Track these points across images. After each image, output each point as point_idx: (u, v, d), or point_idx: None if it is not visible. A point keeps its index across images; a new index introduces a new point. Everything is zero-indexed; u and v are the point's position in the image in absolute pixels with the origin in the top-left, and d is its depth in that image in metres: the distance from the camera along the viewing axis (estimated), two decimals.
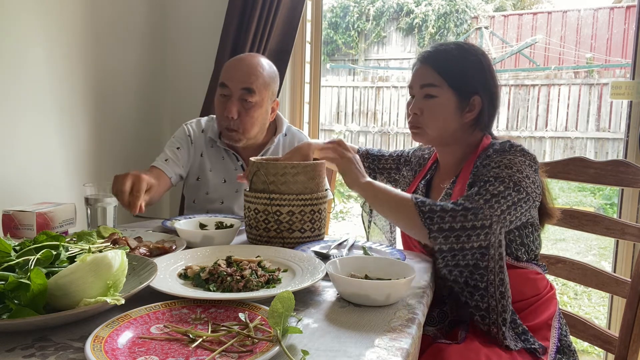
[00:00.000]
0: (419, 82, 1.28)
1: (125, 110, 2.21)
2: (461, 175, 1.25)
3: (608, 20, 7.75)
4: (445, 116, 1.25)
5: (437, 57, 1.26)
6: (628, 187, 1.39)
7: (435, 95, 1.24)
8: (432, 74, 1.25)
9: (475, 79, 1.24)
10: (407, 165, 1.50)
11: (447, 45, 1.29)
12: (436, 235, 1.06)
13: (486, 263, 1.07)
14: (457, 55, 1.25)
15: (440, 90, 1.24)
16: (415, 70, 1.30)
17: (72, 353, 0.70)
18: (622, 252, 1.98)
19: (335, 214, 5.76)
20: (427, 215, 1.07)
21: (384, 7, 9.40)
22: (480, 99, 1.24)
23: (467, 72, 1.24)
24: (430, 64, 1.26)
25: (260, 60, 1.65)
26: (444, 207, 1.07)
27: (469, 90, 1.24)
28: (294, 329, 0.72)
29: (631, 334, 1.22)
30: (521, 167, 1.12)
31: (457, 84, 1.23)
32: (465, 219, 1.05)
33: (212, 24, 2.27)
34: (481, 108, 1.25)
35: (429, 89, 1.25)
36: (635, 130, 1.92)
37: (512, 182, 1.09)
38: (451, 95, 1.23)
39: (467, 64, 1.24)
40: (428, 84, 1.25)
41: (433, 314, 1.18)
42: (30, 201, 1.48)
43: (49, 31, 1.78)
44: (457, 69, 1.24)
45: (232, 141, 1.65)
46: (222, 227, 1.35)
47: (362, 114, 8.19)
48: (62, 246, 0.87)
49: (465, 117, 1.25)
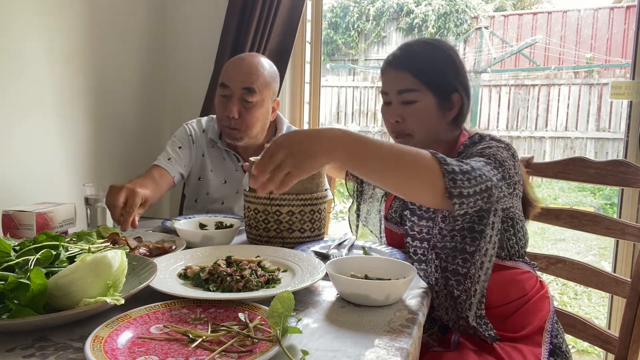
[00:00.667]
0: (394, 87, 1.22)
1: (125, 110, 2.21)
2: None
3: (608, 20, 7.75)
4: (429, 119, 1.21)
5: (409, 59, 1.21)
6: (628, 187, 1.39)
7: (414, 100, 1.20)
8: (408, 78, 1.20)
9: (451, 76, 1.21)
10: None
11: (417, 45, 1.24)
12: (456, 201, 0.92)
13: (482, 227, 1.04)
14: (429, 55, 1.21)
15: (419, 95, 1.19)
16: (388, 75, 1.24)
17: (72, 353, 0.70)
18: (622, 252, 1.98)
19: (335, 214, 5.75)
20: (450, 177, 0.92)
21: (384, 7, 9.39)
22: (459, 96, 1.21)
23: (442, 70, 1.20)
24: (404, 68, 1.21)
25: (260, 59, 1.65)
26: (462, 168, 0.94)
27: (448, 89, 1.20)
28: (293, 329, 0.72)
29: (631, 334, 1.22)
30: (498, 151, 1.08)
31: (435, 84, 1.19)
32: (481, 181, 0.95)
33: (212, 24, 2.27)
34: (461, 104, 1.22)
35: (407, 95, 1.20)
36: (635, 130, 1.92)
37: (497, 162, 1.04)
38: (431, 97, 1.19)
39: (440, 62, 1.21)
40: (405, 89, 1.20)
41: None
42: (30, 201, 1.48)
43: (49, 31, 1.78)
44: (432, 69, 1.20)
45: (233, 140, 1.65)
46: (222, 227, 1.35)
47: (362, 114, 8.19)
48: (62, 246, 0.87)
49: (447, 116, 1.22)
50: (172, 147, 1.68)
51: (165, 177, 1.60)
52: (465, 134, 1.26)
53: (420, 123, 1.21)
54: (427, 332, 1.16)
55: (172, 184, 1.64)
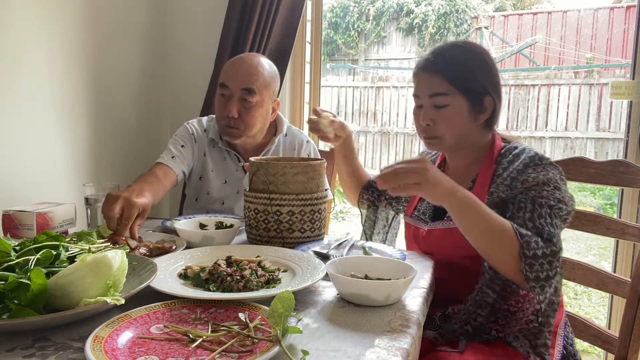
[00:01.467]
0: (426, 91, 1.22)
1: (125, 110, 2.21)
2: (478, 180, 1.21)
3: (608, 20, 7.75)
4: (460, 123, 1.21)
5: (441, 63, 1.21)
6: (628, 187, 1.39)
7: (446, 104, 1.20)
8: (440, 82, 1.20)
9: (483, 79, 1.20)
10: None
11: (450, 49, 1.24)
12: (532, 262, 1.00)
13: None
14: (462, 59, 1.21)
15: (451, 98, 1.19)
16: (420, 78, 1.25)
17: (72, 353, 0.70)
18: (622, 252, 1.98)
19: (335, 214, 5.76)
20: (525, 240, 1.00)
21: (384, 7, 9.40)
22: (491, 99, 1.21)
23: (474, 74, 1.20)
24: (435, 72, 1.21)
25: (260, 60, 1.65)
26: (544, 252, 1.01)
27: (480, 93, 1.20)
28: (294, 329, 0.72)
29: (631, 334, 1.22)
30: (557, 183, 1.10)
31: (467, 88, 1.19)
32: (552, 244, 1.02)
33: (212, 24, 2.27)
34: (493, 108, 1.22)
35: (439, 99, 1.20)
36: (635, 130, 1.92)
37: (555, 199, 1.08)
38: (463, 100, 1.19)
39: (473, 66, 1.21)
40: (437, 93, 1.20)
41: (434, 317, 1.16)
42: (30, 201, 1.48)
43: (49, 31, 1.78)
44: (464, 73, 1.20)
45: (232, 138, 1.64)
46: (222, 227, 1.35)
47: (362, 114, 8.20)
48: (62, 246, 0.87)
49: (478, 119, 1.22)
50: (175, 146, 1.67)
51: (169, 175, 1.59)
52: (497, 137, 1.26)
53: (451, 127, 1.21)
54: (437, 329, 1.15)
55: (175, 182, 1.64)
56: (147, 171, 1.57)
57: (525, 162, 1.14)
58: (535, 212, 1.07)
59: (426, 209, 1.30)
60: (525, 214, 1.08)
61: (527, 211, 1.08)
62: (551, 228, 1.05)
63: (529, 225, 1.07)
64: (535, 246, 1.00)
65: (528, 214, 1.08)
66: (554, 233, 1.04)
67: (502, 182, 1.14)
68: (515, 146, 1.21)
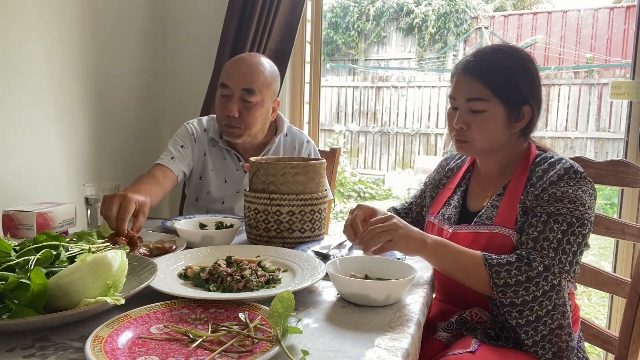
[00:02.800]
0: (464, 95, 1.19)
1: (125, 110, 2.21)
2: (510, 187, 1.20)
3: (608, 20, 7.74)
4: (495, 130, 1.18)
5: (482, 68, 1.17)
6: (628, 187, 1.39)
7: (483, 110, 1.17)
8: (479, 87, 1.16)
9: (524, 88, 1.17)
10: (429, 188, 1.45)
11: (493, 54, 1.20)
12: (503, 290, 1.04)
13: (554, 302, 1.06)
14: (504, 65, 1.17)
15: (489, 104, 1.16)
16: (458, 80, 1.21)
17: (72, 353, 0.70)
18: (622, 252, 1.98)
19: (335, 214, 5.76)
20: (494, 270, 1.05)
21: (384, 7, 9.39)
22: (530, 108, 1.18)
23: (516, 82, 1.16)
24: (475, 76, 1.17)
25: (260, 59, 1.65)
26: (509, 260, 1.06)
27: (519, 101, 1.17)
28: (294, 329, 0.72)
29: (631, 334, 1.22)
30: (584, 200, 1.10)
31: (506, 96, 1.16)
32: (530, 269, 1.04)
33: (212, 24, 2.27)
34: (531, 117, 1.20)
35: (476, 104, 1.17)
36: (635, 130, 1.92)
37: (575, 218, 1.08)
38: (500, 108, 1.16)
39: (515, 74, 1.17)
40: (474, 98, 1.17)
41: (451, 320, 1.15)
42: (30, 201, 1.48)
43: (49, 31, 1.78)
44: (505, 80, 1.16)
45: (232, 137, 1.64)
46: (222, 227, 1.35)
47: (362, 114, 8.19)
48: (62, 246, 0.87)
49: (514, 128, 1.19)
50: (175, 146, 1.68)
51: (169, 176, 1.59)
52: (533, 145, 1.24)
53: (485, 133, 1.19)
54: (453, 332, 1.14)
55: (175, 183, 1.64)
56: (146, 172, 1.57)
57: (559, 174, 1.12)
58: (547, 227, 1.07)
59: (452, 214, 1.29)
60: (533, 232, 1.09)
61: (536, 229, 1.09)
62: (551, 252, 1.06)
63: (529, 245, 1.08)
64: (507, 275, 1.04)
65: (535, 234, 1.08)
66: (552, 258, 1.05)
67: (533, 192, 1.14)
68: (551, 155, 1.19)
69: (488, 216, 1.19)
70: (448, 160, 1.44)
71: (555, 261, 1.05)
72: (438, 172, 1.44)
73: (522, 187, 1.17)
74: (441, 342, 1.12)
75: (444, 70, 8.39)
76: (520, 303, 1.03)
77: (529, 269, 1.04)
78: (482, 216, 1.20)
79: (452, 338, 1.13)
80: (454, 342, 1.11)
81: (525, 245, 1.09)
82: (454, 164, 1.41)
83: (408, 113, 7.87)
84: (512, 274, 1.04)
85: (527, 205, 1.14)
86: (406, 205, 1.51)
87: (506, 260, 1.06)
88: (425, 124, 7.81)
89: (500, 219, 1.17)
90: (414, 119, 7.88)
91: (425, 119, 7.79)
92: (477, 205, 1.27)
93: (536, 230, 1.09)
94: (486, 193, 1.26)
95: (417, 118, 7.85)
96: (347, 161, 7.56)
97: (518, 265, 1.05)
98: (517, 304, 1.04)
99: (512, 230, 1.15)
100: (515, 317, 1.04)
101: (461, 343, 1.08)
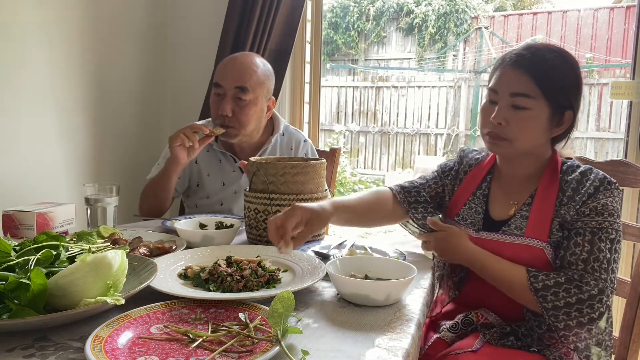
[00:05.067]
0: (509, 88, 1.11)
1: (125, 111, 2.21)
2: (539, 197, 1.14)
3: (608, 20, 7.74)
4: (536, 130, 1.12)
5: (535, 63, 1.10)
6: (628, 187, 1.39)
7: (527, 107, 1.09)
8: (528, 83, 1.09)
9: (571, 93, 1.12)
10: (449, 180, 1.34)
11: (545, 52, 1.13)
12: (554, 314, 1.02)
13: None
14: (557, 65, 1.11)
15: (535, 103, 1.09)
16: (505, 73, 1.13)
17: (72, 353, 0.70)
18: (622, 252, 1.98)
19: None
20: (540, 294, 1.03)
21: (384, 7, 9.38)
22: (572, 115, 1.13)
23: (565, 85, 1.11)
24: (526, 71, 1.09)
25: (253, 58, 1.64)
26: (557, 281, 1.03)
27: (564, 105, 1.11)
28: (294, 329, 0.72)
29: (631, 334, 1.22)
30: (619, 211, 1.09)
31: (553, 97, 1.10)
32: (581, 291, 1.02)
33: (212, 24, 2.27)
34: (569, 125, 1.14)
35: (521, 100, 1.09)
36: (635, 130, 1.92)
37: (614, 230, 1.07)
38: (545, 108, 1.10)
39: (565, 76, 1.12)
40: (521, 93, 1.09)
41: (457, 320, 1.14)
42: (30, 201, 1.48)
43: (49, 31, 1.78)
44: (556, 80, 1.10)
45: (228, 137, 1.64)
46: (222, 227, 1.35)
47: (362, 114, 8.19)
48: (62, 246, 0.87)
49: (552, 132, 1.14)
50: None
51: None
52: (557, 152, 1.19)
53: (525, 132, 1.12)
54: (458, 332, 1.13)
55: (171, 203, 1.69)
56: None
57: (596, 186, 1.09)
58: (595, 247, 1.05)
59: (475, 220, 1.22)
60: (582, 252, 1.06)
61: (584, 249, 1.05)
62: (603, 273, 1.04)
63: (579, 267, 1.05)
64: (554, 298, 1.03)
65: (584, 254, 1.05)
66: (605, 280, 1.03)
67: (574, 206, 1.09)
68: (577, 164, 1.16)
69: (517, 226, 1.13)
70: (466, 152, 1.35)
71: (608, 282, 1.03)
72: (457, 163, 1.34)
73: (554, 198, 1.12)
74: (445, 342, 1.12)
75: (444, 70, 8.39)
76: (575, 325, 1.02)
77: (579, 291, 1.01)
78: (511, 226, 1.14)
79: (457, 338, 1.12)
80: (457, 340, 1.11)
81: (575, 267, 1.05)
82: (473, 158, 1.32)
83: (408, 113, 7.87)
84: (559, 296, 1.02)
85: (567, 219, 1.10)
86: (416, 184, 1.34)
87: (554, 281, 1.03)
88: (425, 124, 7.81)
89: (531, 231, 1.11)
90: (414, 119, 7.88)
91: (425, 119, 7.80)
92: (501, 213, 1.20)
93: (584, 250, 1.05)
94: (510, 201, 1.19)
95: (417, 118, 7.86)
96: (347, 161, 7.56)
97: (567, 287, 1.02)
98: (572, 326, 1.02)
99: (546, 244, 1.09)
100: (573, 341, 1.06)
101: (464, 342, 1.08)
